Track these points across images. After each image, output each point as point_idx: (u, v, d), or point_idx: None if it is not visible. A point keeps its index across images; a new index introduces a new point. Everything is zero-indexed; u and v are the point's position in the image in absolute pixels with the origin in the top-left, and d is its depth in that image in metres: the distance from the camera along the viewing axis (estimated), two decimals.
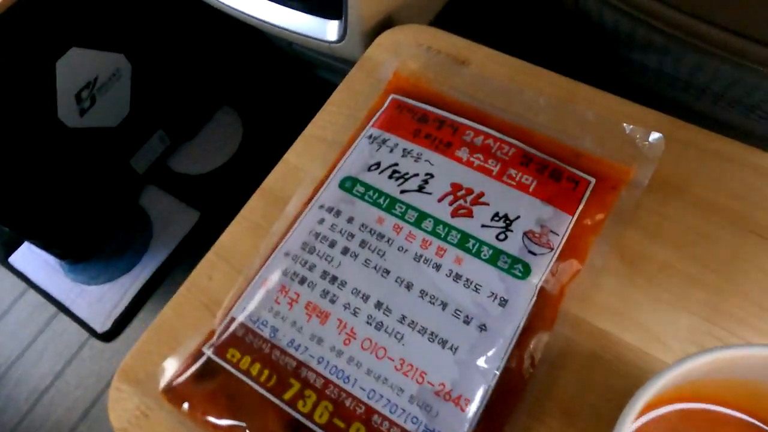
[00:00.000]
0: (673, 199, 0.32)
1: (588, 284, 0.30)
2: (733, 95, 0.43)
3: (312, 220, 0.32)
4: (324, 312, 0.29)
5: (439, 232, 0.30)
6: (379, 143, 0.34)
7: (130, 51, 0.66)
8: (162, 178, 0.82)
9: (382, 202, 0.32)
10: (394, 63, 0.38)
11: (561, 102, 0.36)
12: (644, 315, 0.30)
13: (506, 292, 0.28)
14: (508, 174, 0.32)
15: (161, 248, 0.77)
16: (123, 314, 0.73)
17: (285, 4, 0.44)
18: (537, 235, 0.30)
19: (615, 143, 0.33)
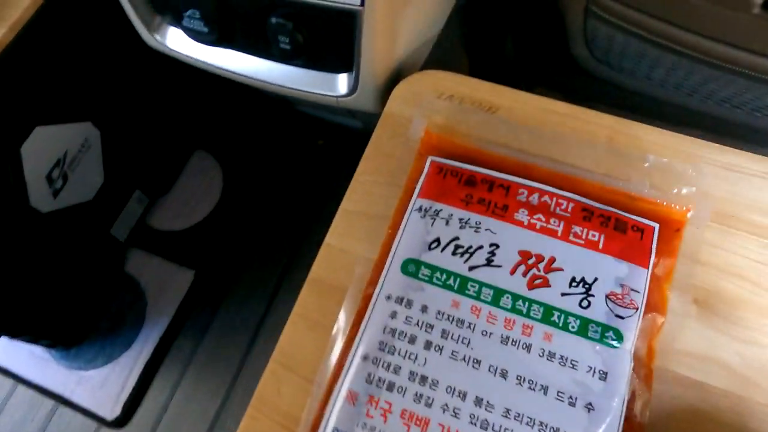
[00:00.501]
0: (731, 229, 0.33)
1: (672, 335, 0.30)
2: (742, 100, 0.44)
3: (383, 315, 0.30)
4: (423, 419, 0.27)
5: (520, 309, 0.29)
6: (432, 216, 0.32)
7: (96, 117, 0.60)
8: (145, 240, 0.76)
9: (452, 283, 0.30)
10: (422, 120, 0.36)
11: (604, 142, 0.35)
12: (729, 356, 0.30)
13: (604, 364, 0.28)
14: (574, 232, 0.31)
15: (159, 316, 0.72)
16: (131, 396, 0.67)
17: (287, 62, 0.41)
18: (620, 297, 0.29)
19: (668, 182, 0.32)
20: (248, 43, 0.42)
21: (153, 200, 0.79)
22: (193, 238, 0.77)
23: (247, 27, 0.40)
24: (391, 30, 0.37)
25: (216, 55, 0.44)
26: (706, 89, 0.45)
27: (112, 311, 0.73)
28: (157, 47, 0.47)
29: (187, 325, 0.72)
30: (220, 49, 0.44)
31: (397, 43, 0.40)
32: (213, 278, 0.74)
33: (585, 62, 0.49)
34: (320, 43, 0.39)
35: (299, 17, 0.37)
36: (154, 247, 0.76)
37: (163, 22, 0.45)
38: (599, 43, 0.44)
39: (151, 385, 0.69)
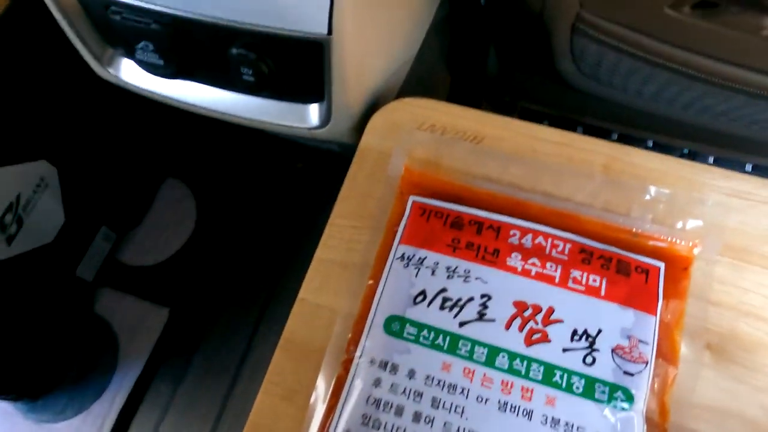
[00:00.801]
0: (743, 264, 0.30)
1: (687, 388, 0.27)
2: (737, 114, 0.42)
3: (366, 383, 0.26)
4: None
5: (518, 369, 0.26)
6: (416, 265, 0.29)
7: (51, 153, 0.56)
8: (116, 277, 0.72)
9: (441, 342, 0.27)
10: (401, 155, 0.33)
11: (600, 172, 0.33)
12: (749, 408, 0.27)
13: (614, 429, 0.25)
14: (573, 278, 0.28)
15: (133, 360, 0.67)
16: None
17: (252, 93, 0.37)
18: (627, 350, 0.26)
19: (672, 215, 0.30)
20: (209, 74, 0.38)
21: (122, 234, 0.74)
22: (167, 273, 0.73)
23: (206, 58, 0.36)
24: (362, 56, 0.34)
25: (175, 88, 0.41)
26: (702, 104, 0.42)
27: (82, 357, 0.68)
28: (111, 80, 0.43)
29: (163, 368, 0.68)
30: (179, 81, 0.40)
31: (371, 69, 0.37)
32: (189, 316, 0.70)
33: (572, 78, 0.46)
34: (287, 73, 0.35)
35: (262, 47, 0.33)
36: (126, 285, 0.72)
37: (116, 54, 0.41)
38: (588, 59, 0.42)
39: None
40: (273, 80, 0.36)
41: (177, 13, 0.33)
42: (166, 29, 0.35)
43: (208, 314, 0.70)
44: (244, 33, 0.32)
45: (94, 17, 0.38)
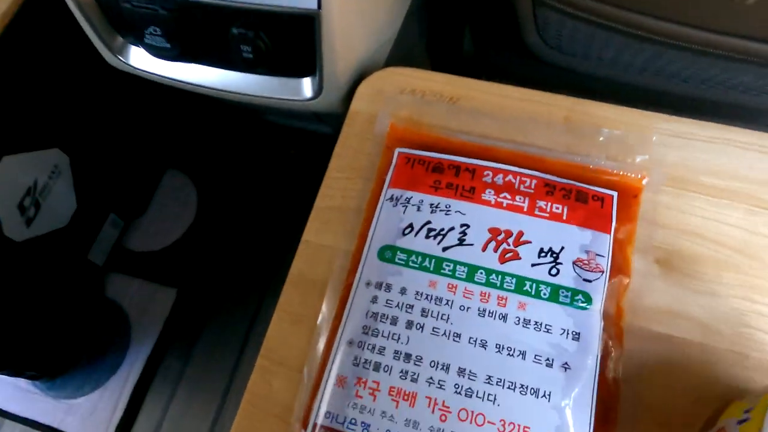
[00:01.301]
0: (685, 192, 0.35)
1: (638, 294, 0.32)
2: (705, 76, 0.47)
3: (364, 301, 0.31)
4: (410, 393, 0.28)
5: (494, 282, 0.30)
6: (403, 204, 0.33)
7: (64, 142, 0.60)
8: (124, 263, 0.76)
9: (428, 264, 0.31)
10: (387, 115, 0.37)
11: (561, 122, 0.37)
12: (694, 309, 0.32)
13: (576, 325, 0.29)
14: (539, 207, 0.33)
15: (145, 338, 0.71)
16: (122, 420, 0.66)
17: (251, 70, 0.42)
18: (586, 262, 0.31)
19: (625, 154, 0.34)
20: (211, 54, 0.43)
21: (128, 222, 0.78)
22: (173, 256, 0.77)
23: (208, 39, 0.41)
24: (349, 31, 0.39)
25: (179, 70, 0.45)
26: (655, 66, 0.47)
27: (96, 337, 0.72)
28: (120, 67, 0.47)
29: (174, 344, 0.71)
30: (183, 64, 0.45)
31: (357, 43, 0.41)
32: (196, 294, 0.74)
33: (538, 50, 0.51)
34: (282, 49, 0.40)
35: (259, 25, 0.38)
36: (134, 269, 0.76)
37: (125, 42, 0.46)
38: (550, 29, 0.46)
39: (142, 407, 0.68)
40: (269, 56, 0.40)
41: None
42: (172, 14, 0.39)
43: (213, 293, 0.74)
44: (243, 12, 0.37)
45: (106, 7, 0.42)
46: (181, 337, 0.72)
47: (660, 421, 0.29)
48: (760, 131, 0.37)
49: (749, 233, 0.33)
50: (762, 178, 0.35)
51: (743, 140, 0.36)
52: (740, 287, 0.32)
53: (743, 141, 0.36)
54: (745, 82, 0.46)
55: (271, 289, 0.72)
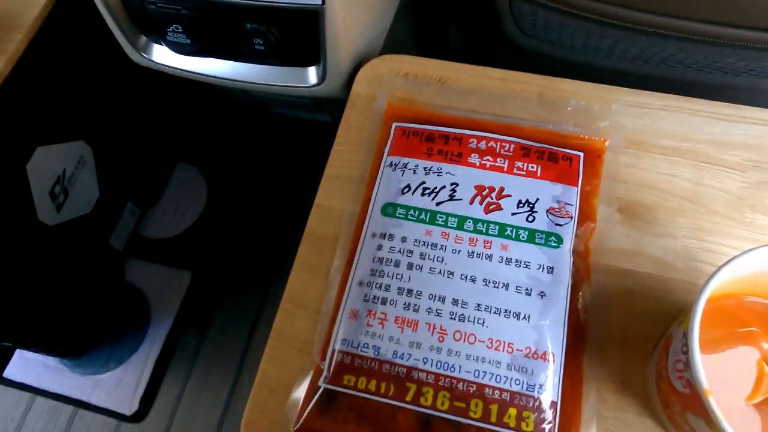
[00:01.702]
0: (643, 153, 0.40)
1: (603, 237, 0.37)
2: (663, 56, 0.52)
3: (371, 249, 0.36)
4: (413, 321, 0.34)
5: (481, 229, 0.36)
6: (401, 168, 0.39)
7: (88, 135, 0.65)
8: (141, 249, 0.81)
9: (424, 217, 0.37)
10: (384, 95, 0.43)
11: (536, 97, 0.43)
12: (651, 248, 0.37)
13: (550, 261, 0.35)
14: (517, 167, 0.38)
15: (163, 317, 0.76)
16: (146, 392, 0.71)
17: (262, 62, 0.47)
18: (557, 210, 0.36)
19: (590, 121, 0.40)
20: (226, 48, 0.48)
21: (144, 211, 0.83)
22: (186, 242, 0.82)
23: (225, 34, 0.46)
24: (349, 23, 0.44)
25: (198, 64, 0.50)
26: (619, 49, 0.53)
27: (118, 318, 0.77)
28: (144, 64, 0.52)
29: (191, 322, 0.76)
30: (201, 58, 0.50)
31: (356, 34, 0.47)
32: (209, 276, 0.79)
33: (517, 38, 0.57)
34: (291, 41, 0.45)
35: (271, 20, 0.43)
36: (150, 255, 0.81)
37: (148, 41, 0.51)
38: (525, 19, 0.52)
39: (164, 380, 0.73)
40: (279, 48, 0.46)
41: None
42: (193, 13, 0.45)
43: (225, 275, 0.79)
44: (256, 9, 0.42)
45: (131, 9, 0.48)
46: (196, 317, 0.77)
47: (622, 338, 0.34)
48: None
49: (697, 185, 0.39)
50: (709, 139, 0.40)
51: (694, 107, 0.42)
52: (690, 229, 0.38)
53: (694, 108, 0.42)
54: (699, 61, 0.52)
55: (279, 270, 0.77)
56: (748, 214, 0.38)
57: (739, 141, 0.40)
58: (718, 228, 0.37)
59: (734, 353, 0.30)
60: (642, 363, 0.34)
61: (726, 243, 0.37)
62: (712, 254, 0.37)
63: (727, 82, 0.56)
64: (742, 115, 0.41)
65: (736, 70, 0.52)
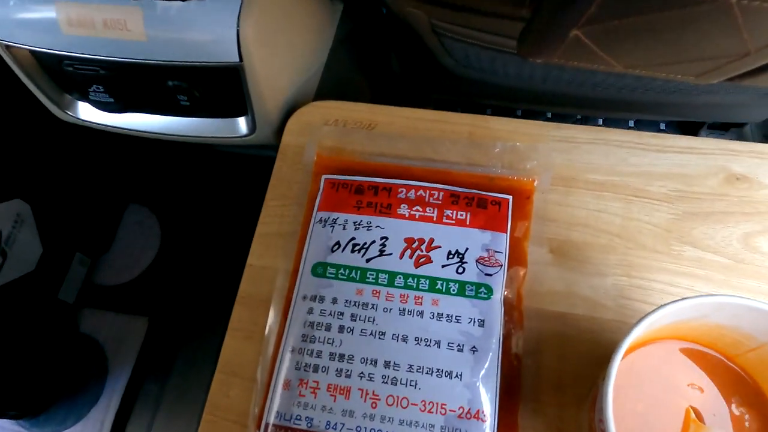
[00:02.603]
0: (572, 189, 0.40)
1: (535, 281, 0.37)
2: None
3: (302, 313, 0.36)
4: (345, 388, 0.33)
5: (411, 284, 0.36)
6: (331, 224, 0.38)
7: (24, 192, 0.63)
8: (95, 298, 0.79)
9: (354, 275, 0.36)
10: (313, 146, 0.42)
11: (465, 137, 0.43)
12: (582, 289, 0.37)
13: (480, 313, 0.35)
14: (446, 215, 0.38)
15: (122, 367, 0.74)
16: None
17: (190, 115, 0.46)
18: (487, 259, 0.36)
19: (517, 161, 0.40)
20: (153, 104, 0.47)
21: (95, 259, 0.81)
22: (142, 287, 0.81)
23: (148, 92, 0.45)
24: (272, 74, 0.44)
25: (126, 119, 0.49)
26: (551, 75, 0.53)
27: (75, 371, 0.75)
28: (70, 121, 0.51)
29: (151, 369, 0.75)
30: (128, 114, 0.49)
31: (282, 83, 0.46)
32: (167, 321, 0.77)
33: (454, 69, 0.57)
34: (215, 96, 0.44)
35: (191, 78, 0.42)
36: (106, 303, 0.79)
37: (72, 98, 0.49)
38: (458, 53, 0.52)
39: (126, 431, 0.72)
40: (205, 102, 0.45)
41: (120, 60, 0.41)
42: (113, 73, 0.43)
43: (183, 317, 0.77)
44: (175, 68, 0.41)
45: (50, 70, 0.46)
46: (156, 364, 0.75)
47: (557, 385, 0.35)
48: (636, 129, 0.43)
49: (626, 219, 0.39)
50: (635, 171, 0.41)
51: (619, 139, 0.42)
52: (620, 266, 0.38)
53: (619, 140, 0.42)
54: (630, 83, 0.52)
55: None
56: (676, 246, 0.38)
57: (665, 171, 0.41)
58: (647, 263, 0.38)
59: (662, 398, 0.30)
60: (577, 409, 0.34)
61: (655, 278, 0.37)
62: (642, 291, 0.37)
63: (662, 100, 0.57)
64: (667, 144, 0.42)
65: (668, 89, 0.53)
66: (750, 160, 0.41)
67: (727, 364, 0.31)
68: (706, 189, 0.40)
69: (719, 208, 0.39)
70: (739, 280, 0.37)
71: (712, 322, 0.29)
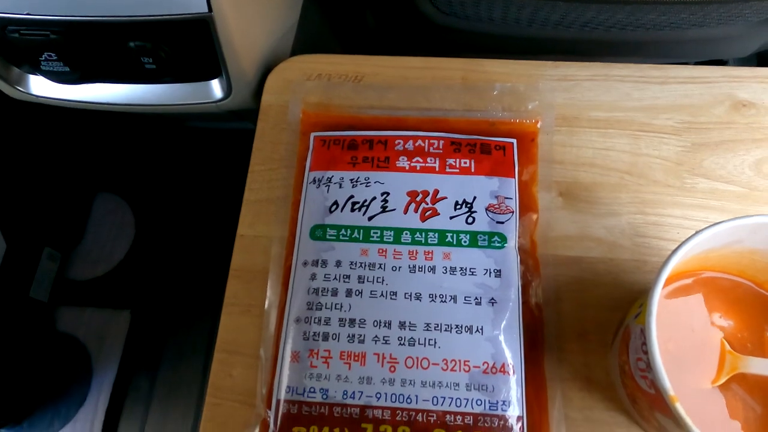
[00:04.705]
0: (575, 129, 0.38)
1: (548, 226, 0.35)
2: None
3: (304, 279, 0.33)
4: (359, 354, 0.31)
5: (419, 239, 0.33)
6: (326, 183, 0.35)
7: None
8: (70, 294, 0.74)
9: (357, 235, 0.34)
10: (297, 103, 0.39)
11: (459, 82, 0.40)
12: (596, 231, 0.36)
13: (496, 264, 0.33)
14: (449, 165, 0.35)
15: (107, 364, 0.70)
16: None
17: (157, 81, 0.42)
18: (497, 206, 0.34)
19: (518, 103, 0.38)
20: (114, 71, 0.43)
21: (66, 253, 0.76)
22: (120, 278, 0.76)
23: (107, 56, 0.41)
24: (245, 27, 0.40)
25: (84, 92, 0.44)
26: (539, 18, 0.51)
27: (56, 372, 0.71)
28: (22, 98, 0.46)
29: (138, 364, 0.71)
30: (87, 85, 0.44)
31: (256, 37, 0.42)
32: (151, 312, 0.73)
33: (435, 17, 0.53)
34: (184, 55, 0.40)
35: (156, 35, 0.38)
36: (83, 299, 0.75)
37: (22, 72, 0.44)
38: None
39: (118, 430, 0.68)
40: (172, 64, 0.41)
41: (71, 19, 0.37)
42: (64, 37, 0.39)
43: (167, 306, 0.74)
44: (136, 25, 0.37)
45: None
46: (143, 358, 0.72)
47: (579, 332, 0.33)
48: (637, 63, 0.41)
49: (634, 155, 0.38)
50: (640, 105, 0.39)
51: (621, 74, 0.40)
52: (632, 204, 0.36)
53: (621, 74, 0.40)
54: (621, 20, 0.50)
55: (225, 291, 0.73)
56: (688, 179, 0.37)
57: (670, 103, 0.39)
58: (660, 198, 0.36)
59: (695, 334, 0.29)
60: (603, 355, 0.32)
61: (670, 213, 0.36)
62: (657, 227, 0.35)
63: (651, 38, 0.55)
64: (670, 75, 0.40)
65: (659, 25, 0.51)
66: (755, 86, 0.39)
67: (758, 291, 0.30)
68: (713, 118, 0.38)
69: (728, 136, 0.38)
70: (755, 207, 0.36)
71: (745, 247, 0.28)
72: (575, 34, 0.54)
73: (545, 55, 0.60)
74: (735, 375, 0.27)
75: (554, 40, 0.56)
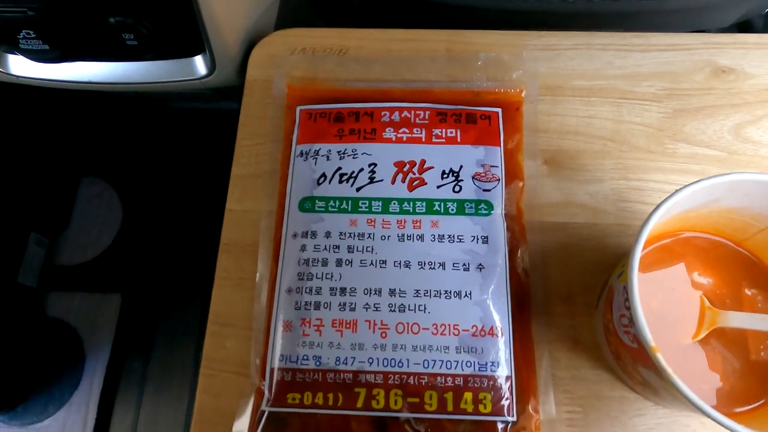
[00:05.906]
0: (559, 97, 0.39)
1: (533, 193, 0.36)
2: None
3: (294, 251, 0.33)
4: (351, 321, 0.31)
5: (407, 209, 0.34)
6: (313, 156, 0.36)
7: None
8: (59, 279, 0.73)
9: (346, 206, 0.34)
10: (282, 77, 0.39)
11: (444, 54, 0.40)
12: (580, 197, 0.36)
13: (483, 230, 0.33)
14: (435, 135, 0.36)
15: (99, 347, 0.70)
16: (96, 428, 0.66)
17: (139, 58, 0.42)
18: (483, 174, 0.35)
19: (502, 73, 0.38)
20: (95, 49, 0.42)
21: (54, 238, 0.76)
22: (109, 262, 0.76)
23: (87, 33, 0.40)
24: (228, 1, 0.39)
25: (65, 71, 0.44)
26: None
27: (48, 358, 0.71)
28: (2, 79, 0.45)
29: (131, 346, 0.71)
30: (68, 64, 0.44)
31: (239, 11, 0.42)
32: (141, 294, 0.73)
33: None
34: (166, 31, 0.40)
35: (136, 10, 0.38)
36: (72, 284, 0.74)
37: (0, 52, 0.44)
38: None
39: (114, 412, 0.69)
40: (154, 40, 0.40)
41: None
42: (42, 13, 0.38)
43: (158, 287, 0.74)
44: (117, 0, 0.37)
45: None
46: (136, 340, 0.72)
47: (566, 295, 0.34)
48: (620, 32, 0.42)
49: (617, 122, 0.38)
50: (621, 73, 0.39)
51: (603, 42, 0.41)
52: (615, 170, 0.37)
53: (603, 43, 0.40)
54: None
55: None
56: (669, 144, 0.37)
57: (651, 71, 0.39)
58: (642, 164, 0.37)
59: (675, 292, 0.30)
60: (588, 317, 0.33)
61: (652, 178, 0.36)
62: (640, 192, 0.36)
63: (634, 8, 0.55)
64: (651, 43, 0.40)
65: None
66: (735, 52, 0.40)
67: (736, 249, 0.31)
68: (694, 84, 0.39)
69: (708, 102, 0.38)
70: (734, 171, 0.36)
71: (722, 206, 0.28)
72: (557, 6, 0.54)
73: (528, 28, 0.60)
74: (714, 330, 0.28)
75: (537, 12, 0.56)
